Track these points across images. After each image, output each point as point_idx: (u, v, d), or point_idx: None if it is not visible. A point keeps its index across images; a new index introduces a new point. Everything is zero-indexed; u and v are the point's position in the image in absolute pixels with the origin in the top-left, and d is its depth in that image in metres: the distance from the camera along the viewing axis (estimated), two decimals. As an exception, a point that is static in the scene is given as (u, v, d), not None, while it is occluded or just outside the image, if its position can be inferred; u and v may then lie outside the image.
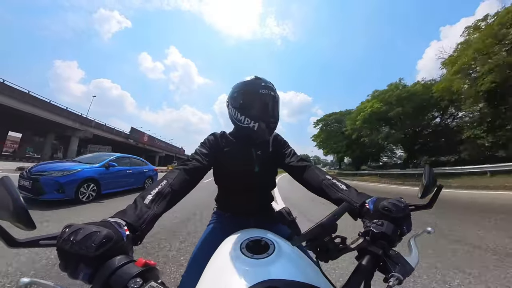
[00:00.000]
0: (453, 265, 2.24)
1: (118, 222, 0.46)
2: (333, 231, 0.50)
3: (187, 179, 0.74)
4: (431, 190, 0.59)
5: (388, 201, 0.58)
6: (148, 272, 0.37)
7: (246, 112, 0.88)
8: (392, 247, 0.52)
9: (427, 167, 0.62)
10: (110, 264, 0.37)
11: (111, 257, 0.38)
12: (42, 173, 4.65)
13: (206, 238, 0.91)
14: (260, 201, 1.02)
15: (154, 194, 0.60)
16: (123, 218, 0.50)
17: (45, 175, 4.61)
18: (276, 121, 0.92)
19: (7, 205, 0.38)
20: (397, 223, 0.54)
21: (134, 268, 0.37)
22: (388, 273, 0.47)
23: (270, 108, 0.89)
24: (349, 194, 0.70)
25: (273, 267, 0.50)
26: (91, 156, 6.57)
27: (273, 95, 0.89)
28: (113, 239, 0.40)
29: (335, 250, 0.50)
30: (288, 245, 0.63)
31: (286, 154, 0.99)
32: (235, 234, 0.73)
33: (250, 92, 0.89)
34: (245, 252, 0.56)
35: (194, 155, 0.87)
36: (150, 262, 0.38)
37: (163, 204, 0.61)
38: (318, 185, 0.80)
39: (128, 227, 0.47)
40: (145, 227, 0.52)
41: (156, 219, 0.57)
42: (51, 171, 4.74)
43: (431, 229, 0.57)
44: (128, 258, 0.39)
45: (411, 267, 0.48)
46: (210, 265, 0.60)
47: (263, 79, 0.93)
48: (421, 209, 0.59)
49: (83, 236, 0.38)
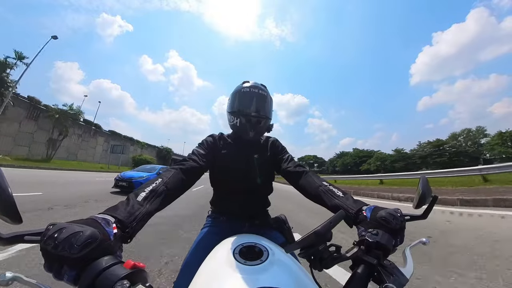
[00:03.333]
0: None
1: (106, 219, 0.44)
2: (328, 239, 0.49)
3: (182, 179, 0.72)
4: (426, 200, 0.59)
5: (386, 211, 0.57)
6: (136, 275, 0.36)
7: (232, 110, 0.93)
8: (386, 257, 0.51)
9: (422, 177, 0.62)
10: (96, 265, 0.35)
11: (97, 258, 0.36)
12: (131, 178, 7.86)
13: (199, 242, 0.88)
14: (256, 205, 1.00)
15: (147, 192, 0.59)
16: (113, 214, 0.48)
17: (134, 179, 7.81)
18: (259, 116, 0.90)
19: None
20: (392, 234, 0.54)
21: (121, 269, 0.35)
22: (382, 284, 0.46)
23: (250, 103, 0.89)
24: (345, 201, 0.70)
25: (265, 275, 0.49)
26: (149, 167, 10.58)
27: (255, 91, 0.90)
28: (98, 239, 0.37)
29: (329, 259, 0.49)
30: (282, 253, 0.62)
31: (284, 160, 0.98)
32: (229, 238, 0.71)
33: (234, 92, 0.94)
34: (238, 258, 0.55)
35: (191, 155, 0.86)
36: (139, 264, 0.37)
37: (157, 202, 0.59)
38: (315, 191, 0.79)
39: (118, 224, 0.46)
40: (135, 225, 0.50)
41: (149, 217, 0.55)
42: (135, 177, 7.97)
43: (426, 240, 0.57)
44: (115, 259, 0.37)
45: (405, 278, 0.47)
46: (202, 270, 0.58)
47: (252, 81, 0.96)
48: (416, 219, 0.59)
49: (66, 236, 0.35)
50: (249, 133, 0.92)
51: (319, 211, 3.46)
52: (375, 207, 0.61)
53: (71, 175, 13.12)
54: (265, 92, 0.92)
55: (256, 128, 0.91)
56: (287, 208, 6.57)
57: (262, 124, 0.93)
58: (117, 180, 7.82)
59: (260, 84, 0.96)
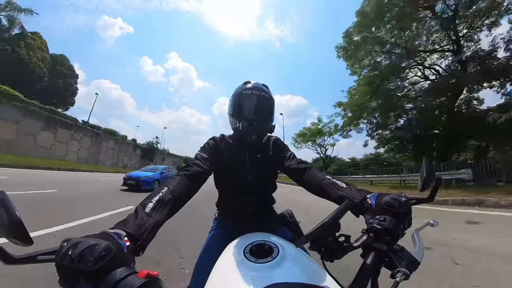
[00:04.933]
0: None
1: (118, 233, 0.45)
2: (337, 230, 0.50)
3: (188, 185, 0.72)
4: (431, 183, 0.59)
5: (390, 197, 0.57)
6: (151, 283, 0.36)
7: (233, 113, 0.91)
8: (396, 242, 0.52)
9: (425, 160, 0.63)
10: (111, 277, 0.35)
11: (112, 270, 0.36)
12: (138, 177, 8.86)
13: (208, 246, 0.89)
14: (261, 204, 1.01)
15: (155, 202, 0.59)
16: (123, 228, 0.48)
17: (141, 178, 8.86)
18: (261, 119, 0.89)
19: (3, 220, 0.36)
20: (399, 218, 0.54)
21: (136, 280, 0.35)
22: (395, 269, 0.46)
23: (252, 106, 0.88)
24: (349, 192, 0.70)
25: (278, 271, 0.50)
26: (152, 167, 11.82)
27: (257, 93, 0.88)
28: (113, 251, 0.38)
29: (339, 249, 0.49)
30: (292, 247, 0.62)
31: (286, 157, 0.98)
32: (238, 239, 0.72)
33: (235, 94, 0.92)
34: (249, 256, 0.55)
35: (194, 160, 0.86)
36: (153, 272, 0.37)
37: (165, 211, 0.59)
38: (319, 185, 0.80)
39: (128, 238, 0.46)
40: (146, 237, 0.50)
41: (158, 227, 0.55)
42: (141, 176, 8.98)
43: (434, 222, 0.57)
44: (129, 270, 0.38)
45: (417, 261, 0.47)
46: (215, 272, 0.59)
47: (253, 82, 0.93)
48: (422, 202, 0.59)
49: (81, 250, 0.36)
50: (252, 137, 0.90)
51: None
52: (379, 194, 0.61)
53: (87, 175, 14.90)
54: (267, 93, 0.90)
55: (258, 131, 0.91)
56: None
57: (264, 127, 0.92)
58: (125, 179, 8.88)
59: (262, 84, 0.94)
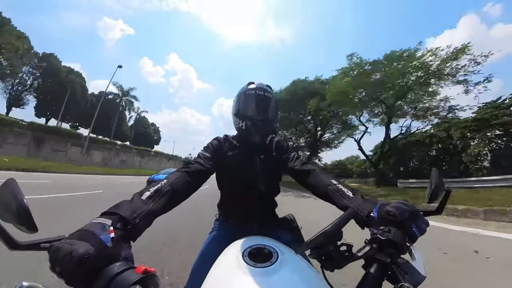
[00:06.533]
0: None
1: (102, 223, 0.43)
2: (339, 239, 0.48)
3: (188, 182, 0.72)
4: (440, 194, 0.57)
5: (391, 205, 0.55)
6: (148, 279, 0.36)
7: (237, 113, 0.92)
8: (401, 254, 0.49)
9: (434, 170, 0.60)
10: (108, 271, 0.36)
11: (102, 267, 0.37)
12: (161, 180, 9.00)
13: (208, 246, 0.89)
14: (263, 207, 1.00)
15: (152, 191, 0.59)
16: (115, 211, 0.48)
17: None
18: (265, 119, 0.89)
19: (11, 207, 0.38)
20: (404, 228, 0.51)
21: (133, 275, 0.36)
22: (398, 283, 0.44)
23: (255, 107, 0.88)
24: (355, 202, 0.66)
25: (276, 277, 0.49)
26: (166, 170, 14.18)
27: (261, 94, 0.88)
28: (91, 253, 0.37)
29: (340, 259, 0.48)
30: (292, 254, 0.61)
31: (290, 158, 0.97)
32: (238, 241, 0.71)
33: (239, 94, 0.94)
34: (248, 260, 0.54)
35: (197, 159, 0.86)
36: (150, 269, 0.38)
37: (161, 201, 0.59)
38: (324, 190, 0.78)
39: (118, 223, 0.46)
40: (139, 222, 0.49)
41: (153, 216, 0.55)
42: (163, 178, 9.43)
43: None
44: (127, 264, 0.38)
45: (422, 276, 0.45)
46: (211, 274, 0.58)
47: (257, 82, 0.94)
48: (430, 215, 0.56)
49: (62, 256, 0.36)
50: (255, 137, 0.91)
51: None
52: (380, 205, 0.58)
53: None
54: (270, 94, 0.91)
55: (261, 132, 0.91)
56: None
57: (268, 127, 0.93)
58: (149, 181, 9.83)
59: (266, 85, 0.95)
